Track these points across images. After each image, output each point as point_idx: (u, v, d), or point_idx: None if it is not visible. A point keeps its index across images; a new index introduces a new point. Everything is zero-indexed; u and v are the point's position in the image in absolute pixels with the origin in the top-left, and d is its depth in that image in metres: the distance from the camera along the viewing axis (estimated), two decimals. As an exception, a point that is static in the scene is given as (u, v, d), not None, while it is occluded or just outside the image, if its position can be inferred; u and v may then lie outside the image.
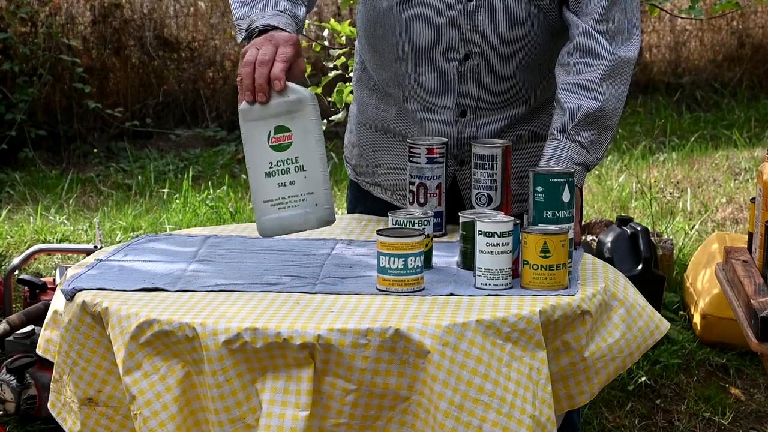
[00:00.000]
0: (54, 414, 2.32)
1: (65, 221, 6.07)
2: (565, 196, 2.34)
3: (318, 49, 4.86)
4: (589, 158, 2.55)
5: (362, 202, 2.84)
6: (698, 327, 4.47)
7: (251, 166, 2.28)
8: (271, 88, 2.30)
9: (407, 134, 2.69)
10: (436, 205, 2.61)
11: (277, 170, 2.27)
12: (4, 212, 6.26)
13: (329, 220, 2.27)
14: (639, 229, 4.56)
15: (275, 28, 2.39)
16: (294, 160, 2.26)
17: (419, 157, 2.60)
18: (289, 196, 2.27)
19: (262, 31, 2.39)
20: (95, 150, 7.82)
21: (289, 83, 2.27)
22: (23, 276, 4.16)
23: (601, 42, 2.56)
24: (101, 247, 3.71)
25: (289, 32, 2.40)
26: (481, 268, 2.26)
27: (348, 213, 2.89)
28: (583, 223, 5.11)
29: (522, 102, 2.68)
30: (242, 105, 2.27)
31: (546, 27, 2.62)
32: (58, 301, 2.34)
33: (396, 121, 2.72)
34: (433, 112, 2.67)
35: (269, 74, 2.29)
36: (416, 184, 2.61)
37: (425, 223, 2.39)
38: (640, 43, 2.63)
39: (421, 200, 2.61)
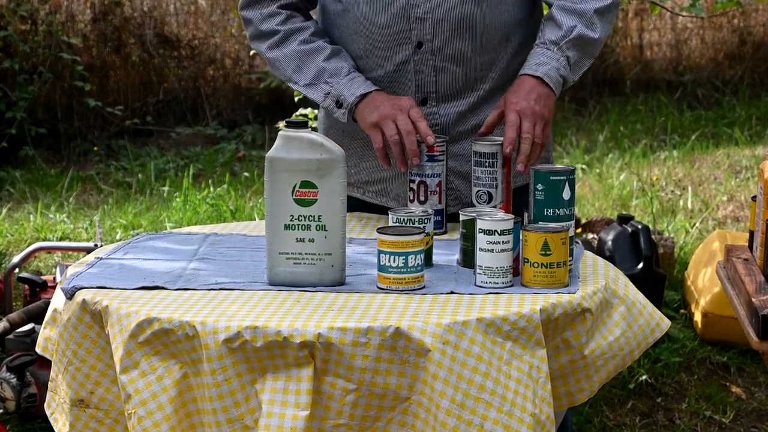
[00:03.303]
0: (48, 414, 2.31)
1: (65, 219, 6.07)
2: (566, 194, 2.34)
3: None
4: (569, 75, 2.63)
5: None
6: (699, 325, 4.47)
7: (270, 214, 2.26)
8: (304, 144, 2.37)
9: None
10: (436, 203, 2.61)
11: (298, 224, 2.26)
12: (5, 210, 6.26)
13: (341, 282, 2.28)
14: (640, 227, 4.56)
15: (367, 94, 2.62)
16: (316, 218, 2.25)
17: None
18: (306, 253, 2.26)
19: (359, 103, 2.62)
20: (95, 148, 7.82)
21: (326, 142, 2.26)
22: (23, 274, 4.16)
23: None
24: (101, 246, 3.71)
25: (379, 91, 2.62)
26: (481, 266, 2.25)
27: None
28: (584, 221, 5.11)
29: (479, 84, 2.71)
30: (270, 153, 2.26)
31: (497, 7, 2.67)
32: (58, 300, 2.33)
33: None
34: None
35: (415, 139, 2.55)
36: (417, 182, 2.61)
37: (425, 221, 2.38)
38: None
39: (422, 198, 2.61)
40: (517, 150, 2.53)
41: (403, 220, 2.38)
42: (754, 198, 2.79)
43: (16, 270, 4.28)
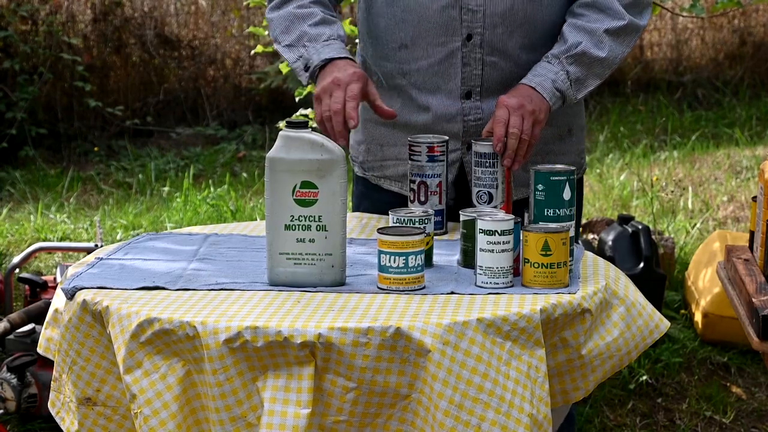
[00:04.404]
0: (53, 413, 2.32)
1: (66, 219, 6.07)
2: (566, 194, 2.34)
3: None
4: (569, 91, 2.62)
5: (368, 196, 2.87)
6: (699, 325, 4.47)
7: (271, 215, 2.26)
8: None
9: (413, 123, 2.72)
10: (437, 203, 2.61)
11: (298, 225, 2.26)
12: (5, 210, 6.26)
13: (342, 282, 2.28)
14: (640, 227, 4.56)
15: (331, 60, 2.57)
16: (317, 219, 2.25)
17: (420, 155, 2.60)
18: (306, 253, 2.26)
19: (323, 68, 2.58)
20: (96, 148, 7.82)
21: (326, 142, 2.26)
22: (24, 274, 4.16)
23: (617, 5, 2.65)
24: (102, 246, 3.71)
25: (346, 58, 2.57)
26: (482, 267, 2.25)
27: (354, 209, 2.90)
28: (584, 221, 5.11)
29: None
30: (270, 153, 2.26)
31: (549, 7, 2.67)
32: (58, 300, 2.34)
33: (401, 112, 2.74)
34: (437, 96, 2.70)
35: (344, 119, 2.49)
36: (417, 183, 2.61)
37: (426, 221, 2.38)
38: (650, 15, 2.73)
39: (422, 198, 2.61)
40: (504, 146, 2.53)
41: (404, 220, 2.39)
42: (754, 198, 2.80)
43: (17, 270, 4.28)
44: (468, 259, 2.38)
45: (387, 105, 2.77)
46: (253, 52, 5.01)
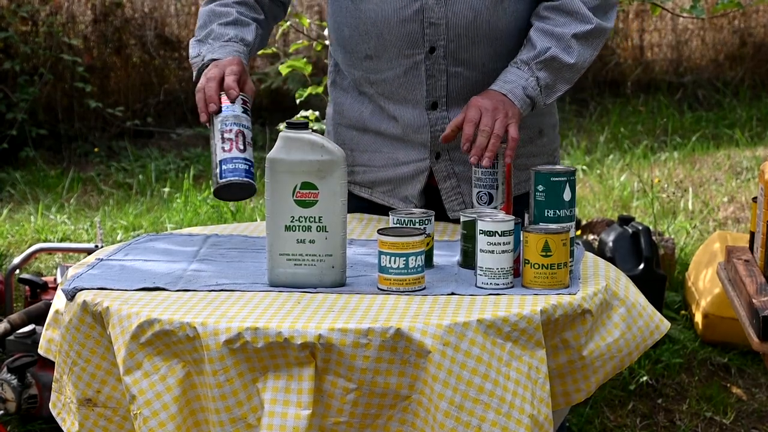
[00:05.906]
0: (54, 414, 2.32)
1: (66, 220, 6.07)
2: (566, 195, 2.34)
3: (319, 48, 4.86)
4: (539, 97, 2.60)
5: None
6: (700, 326, 4.47)
7: (271, 216, 2.26)
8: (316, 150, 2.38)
9: (382, 130, 2.74)
10: (251, 153, 2.47)
11: (299, 226, 2.25)
12: (5, 211, 6.26)
13: (342, 283, 2.28)
14: (640, 228, 4.56)
15: (216, 60, 2.57)
16: (317, 219, 2.25)
17: (233, 105, 2.48)
18: (307, 254, 2.26)
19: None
20: (96, 149, 7.82)
21: (327, 143, 2.26)
22: (24, 275, 4.16)
23: (583, 8, 2.62)
24: (102, 247, 3.71)
25: (231, 57, 2.57)
26: (482, 267, 2.25)
27: None
28: (584, 222, 5.11)
29: None
30: (270, 154, 2.26)
31: (513, 14, 2.65)
32: (59, 301, 2.34)
33: (371, 118, 2.75)
34: (405, 106, 2.70)
35: (218, 87, 2.47)
36: (235, 132, 2.47)
37: (426, 222, 2.38)
38: (615, 15, 2.71)
39: (241, 146, 2.46)
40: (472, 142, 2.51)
41: (404, 221, 2.39)
42: (754, 199, 2.80)
43: (17, 271, 4.29)
44: (468, 260, 2.38)
45: (358, 111, 2.79)
46: (253, 53, 5.00)
